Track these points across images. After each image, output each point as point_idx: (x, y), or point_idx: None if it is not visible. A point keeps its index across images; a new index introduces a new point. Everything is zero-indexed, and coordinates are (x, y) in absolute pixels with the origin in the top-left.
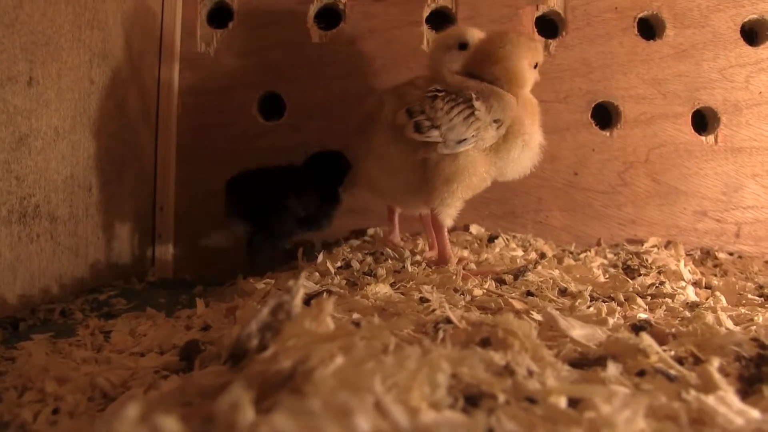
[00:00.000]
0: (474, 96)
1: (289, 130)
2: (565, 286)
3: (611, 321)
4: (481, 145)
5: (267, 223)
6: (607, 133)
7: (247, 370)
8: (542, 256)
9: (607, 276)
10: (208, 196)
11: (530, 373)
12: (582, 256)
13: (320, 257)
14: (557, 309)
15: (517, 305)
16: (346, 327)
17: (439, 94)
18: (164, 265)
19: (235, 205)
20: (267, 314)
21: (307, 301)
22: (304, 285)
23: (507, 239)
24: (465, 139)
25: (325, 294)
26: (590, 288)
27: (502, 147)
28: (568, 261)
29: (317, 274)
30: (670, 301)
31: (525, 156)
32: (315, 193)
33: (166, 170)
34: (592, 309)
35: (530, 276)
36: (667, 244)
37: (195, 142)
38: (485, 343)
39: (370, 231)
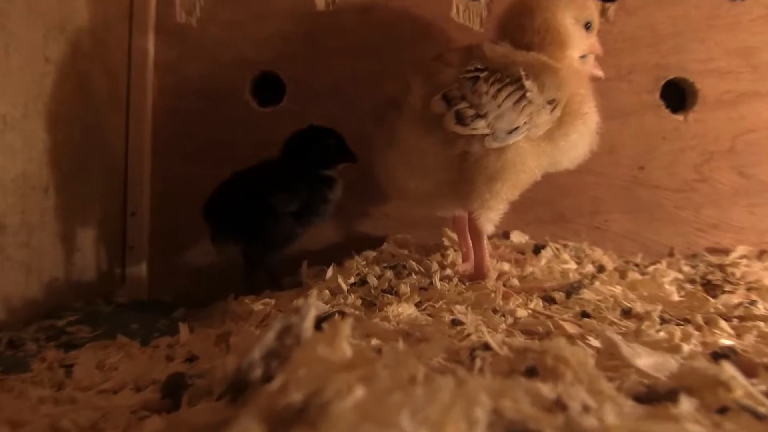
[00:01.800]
0: (523, 74)
1: (289, 117)
2: (629, 305)
3: (686, 348)
4: (534, 132)
5: (259, 233)
6: (681, 118)
7: (252, 403)
8: (600, 269)
9: (683, 294)
10: (191, 197)
11: (586, 408)
12: (651, 269)
13: (330, 271)
14: (619, 333)
15: (570, 329)
16: (366, 353)
17: (481, 74)
18: (137, 284)
19: (217, 230)
20: (273, 339)
21: (317, 324)
22: (315, 305)
23: (557, 249)
24: (517, 128)
25: (336, 316)
26: (660, 308)
27: (557, 132)
28: (633, 275)
29: (327, 292)
30: (762, 324)
31: (584, 140)
32: (297, 178)
33: (140, 166)
34: (662, 333)
35: (586, 294)
36: (760, 255)
37: (174, 132)
38: (531, 372)
39: (391, 240)
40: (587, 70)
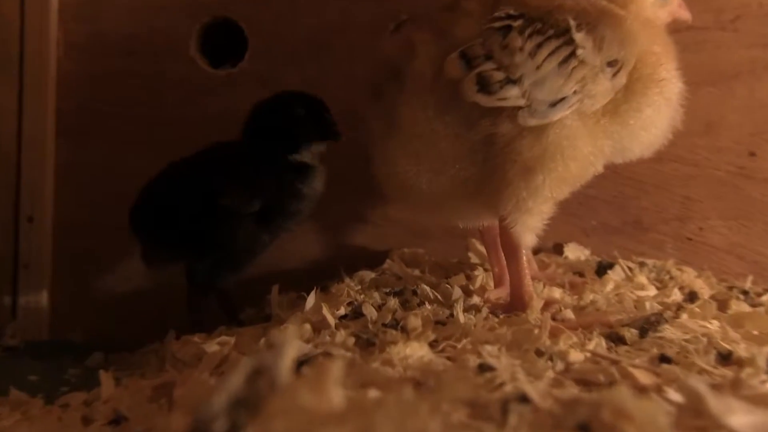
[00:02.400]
0: (573, 24)
1: (252, 82)
2: (728, 347)
3: None
4: (589, 105)
5: (207, 244)
6: None
7: None
8: (691, 297)
9: None
10: (112, 197)
11: None
12: (765, 297)
13: (311, 299)
14: (710, 384)
15: (642, 377)
16: (362, 402)
17: (515, 23)
18: (34, 318)
19: (149, 243)
20: (241, 383)
21: (296, 368)
22: (292, 342)
23: (629, 268)
24: (563, 99)
25: (321, 359)
26: None
27: (624, 106)
28: (738, 306)
29: (308, 327)
30: None
31: (661, 117)
32: (259, 167)
33: (39, 153)
34: None
35: (668, 331)
36: None
37: (88, 105)
38: (583, 431)
39: (396, 255)
40: (666, 17)
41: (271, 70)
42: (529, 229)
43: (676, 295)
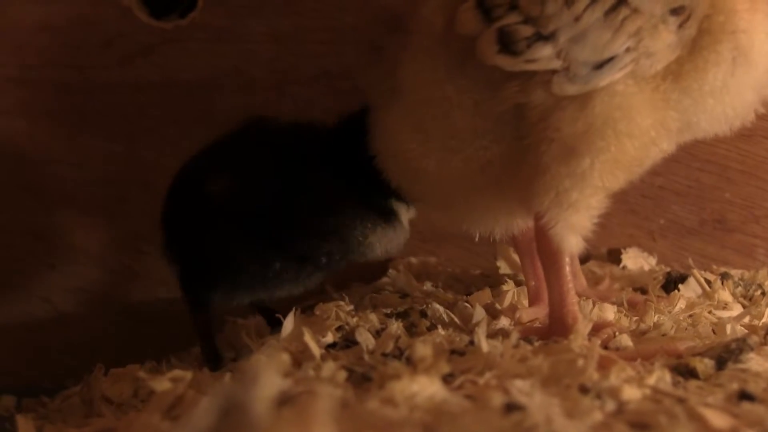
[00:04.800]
0: None
1: (207, 38)
2: None
3: None
4: (647, 66)
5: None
6: None
7: None
8: None
9: None
10: (22, 190)
11: None
12: None
13: (288, 322)
14: None
15: (715, 419)
16: None
17: None
18: None
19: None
20: (213, 420)
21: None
22: (267, 374)
23: (707, 282)
24: (612, 59)
25: (304, 397)
26: None
27: (689, 66)
28: None
29: (285, 357)
30: None
31: (741, 81)
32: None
33: None
34: None
35: (753, 361)
36: None
37: None
38: None
39: (401, 265)
40: None
41: (232, 23)
42: (573, 230)
43: None
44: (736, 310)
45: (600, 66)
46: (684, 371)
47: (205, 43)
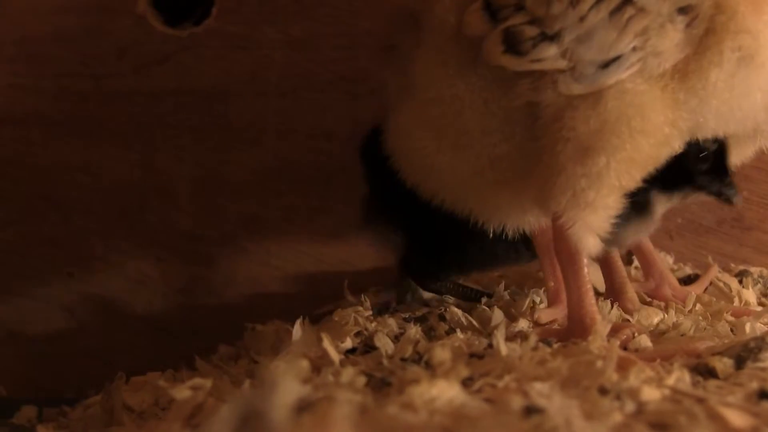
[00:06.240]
0: None
1: (221, 45)
2: None
3: None
4: (654, 66)
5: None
6: None
7: None
8: None
9: None
10: (40, 197)
11: None
12: None
13: (297, 330)
14: None
15: (735, 418)
16: None
17: None
18: None
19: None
20: (232, 428)
21: (294, 415)
22: (286, 381)
23: (725, 284)
24: (618, 58)
25: (323, 404)
26: None
27: (694, 66)
28: None
29: (305, 364)
30: None
31: (747, 81)
32: None
33: None
34: None
35: None
36: None
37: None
38: None
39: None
40: None
41: (246, 30)
42: (591, 231)
43: None
44: (756, 308)
45: (606, 65)
46: (703, 371)
47: (219, 51)
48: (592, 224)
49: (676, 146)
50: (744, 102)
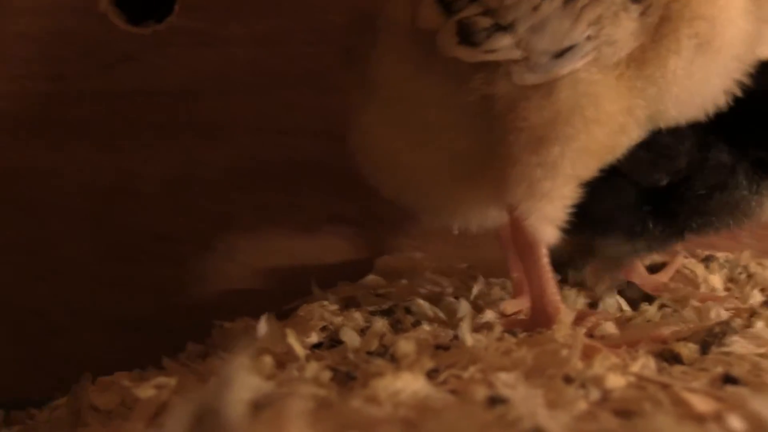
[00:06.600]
0: None
1: (186, 43)
2: None
3: None
4: (609, 54)
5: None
6: None
7: None
8: None
9: None
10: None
11: None
12: None
13: (262, 325)
14: None
15: (699, 403)
16: None
17: None
18: None
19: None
20: (186, 426)
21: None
22: (241, 377)
23: (689, 269)
24: (572, 47)
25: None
26: None
27: (651, 54)
28: None
29: (268, 359)
30: None
31: (706, 68)
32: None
33: None
34: None
35: (737, 344)
36: None
37: None
38: None
39: (384, 263)
40: None
41: (212, 26)
42: (548, 221)
43: (756, 299)
44: (721, 293)
45: (560, 55)
46: (669, 357)
47: (184, 48)
48: (548, 214)
49: (635, 135)
50: (704, 88)
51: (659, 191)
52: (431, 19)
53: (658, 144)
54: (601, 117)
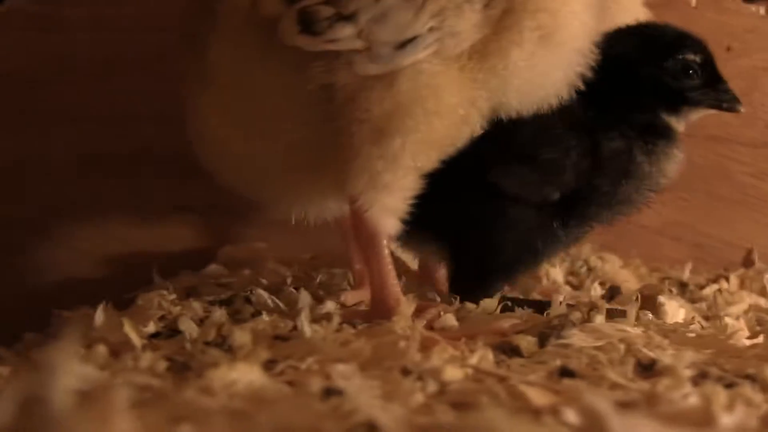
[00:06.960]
0: None
1: (23, 25)
2: (651, 356)
3: (726, 420)
4: (452, 46)
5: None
6: None
7: None
8: (612, 292)
9: (761, 332)
10: None
11: None
12: (707, 290)
13: (99, 314)
14: (620, 402)
15: (536, 396)
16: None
17: None
18: None
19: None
20: (10, 414)
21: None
22: (68, 366)
23: None
24: (414, 39)
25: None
26: (704, 358)
27: (493, 46)
28: (671, 302)
29: (102, 349)
30: None
31: (547, 60)
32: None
33: None
34: (693, 399)
35: (576, 337)
36: None
37: None
38: None
39: (226, 254)
40: None
41: (50, 9)
42: (389, 213)
43: (596, 292)
44: (564, 288)
45: (402, 46)
46: (507, 349)
47: (24, 32)
48: (389, 206)
49: (477, 126)
50: (546, 80)
51: (562, 205)
52: (272, 6)
53: (545, 161)
54: (441, 109)
